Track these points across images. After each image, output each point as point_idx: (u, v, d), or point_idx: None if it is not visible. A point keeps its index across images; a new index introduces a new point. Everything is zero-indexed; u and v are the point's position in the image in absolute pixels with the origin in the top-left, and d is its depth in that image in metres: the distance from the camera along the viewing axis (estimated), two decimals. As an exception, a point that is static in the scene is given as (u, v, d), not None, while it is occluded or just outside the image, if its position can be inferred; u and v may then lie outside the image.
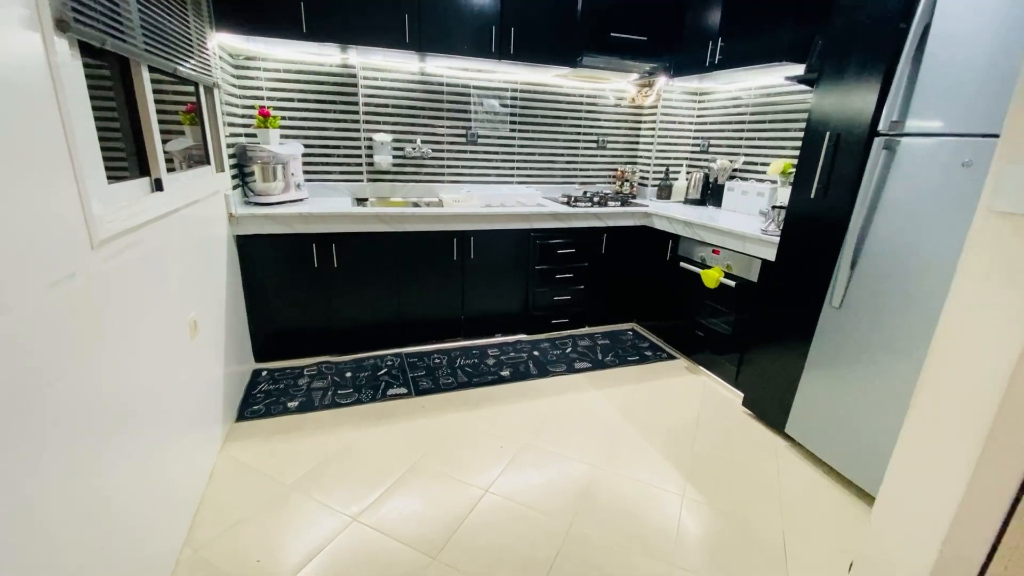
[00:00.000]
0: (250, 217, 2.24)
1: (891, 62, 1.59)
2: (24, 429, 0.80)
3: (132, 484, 1.16)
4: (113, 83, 1.35)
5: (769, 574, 1.44)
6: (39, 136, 0.91)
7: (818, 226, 1.87)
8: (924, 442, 1.02)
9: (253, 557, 1.42)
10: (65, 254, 0.96)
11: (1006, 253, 0.86)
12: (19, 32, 0.88)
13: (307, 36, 2.25)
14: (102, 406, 1.05)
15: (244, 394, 2.26)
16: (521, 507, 1.66)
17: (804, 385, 1.97)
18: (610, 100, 3.33)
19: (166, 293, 1.45)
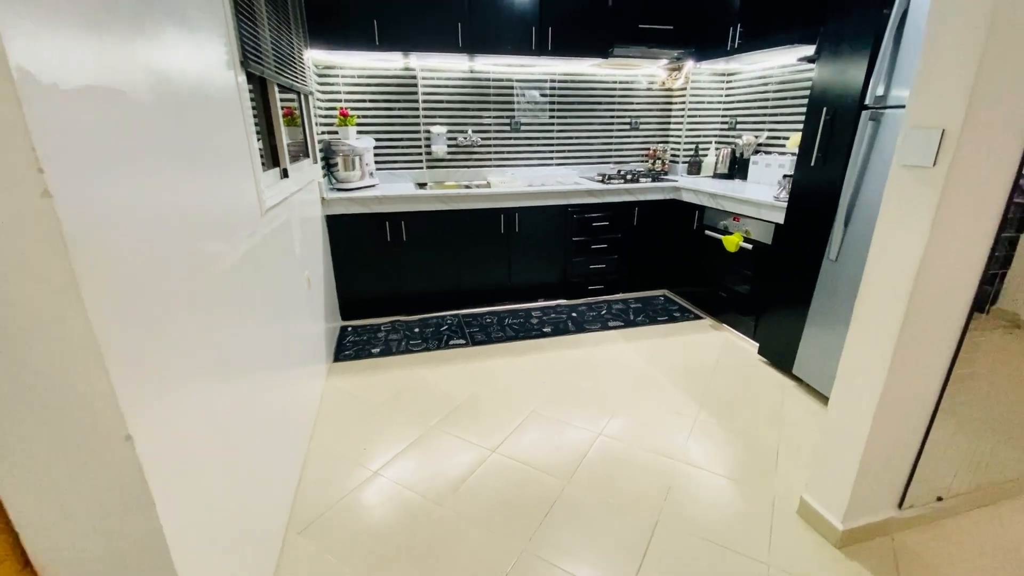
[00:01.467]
0: (337, 200, 2.75)
1: (876, 43, 1.85)
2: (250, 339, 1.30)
3: (281, 398, 1.67)
4: (256, 98, 1.84)
5: (761, 468, 1.79)
6: (238, 136, 1.40)
7: (818, 191, 2.14)
8: (858, 347, 1.34)
9: (359, 447, 1.92)
10: (252, 217, 1.45)
11: (908, 195, 1.18)
12: (225, 70, 1.36)
13: (379, 47, 2.71)
14: (275, 332, 1.55)
15: (336, 343, 2.80)
16: (557, 422, 2.07)
17: (808, 331, 2.26)
18: (642, 84, 3.61)
19: (293, 253, 1.96)
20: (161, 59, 0.96)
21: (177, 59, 1.04)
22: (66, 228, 0.64)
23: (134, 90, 0.85)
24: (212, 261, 1.12)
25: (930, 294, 1.21)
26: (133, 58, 0.86)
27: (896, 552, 1.44)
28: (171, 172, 0.96)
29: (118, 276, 0.75)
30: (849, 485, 1.40)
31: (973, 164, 1.10)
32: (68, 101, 0.68)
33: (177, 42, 1.05)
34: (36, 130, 0.61)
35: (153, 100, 0.91)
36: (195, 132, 1.10)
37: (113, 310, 0.73)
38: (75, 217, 0.66)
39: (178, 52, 1.05)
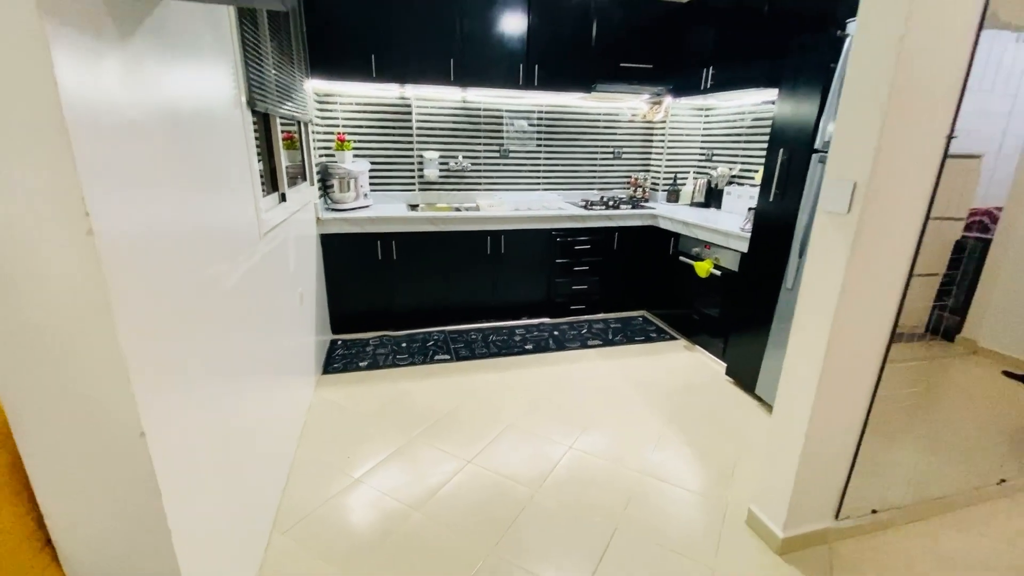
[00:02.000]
0: (332, 220, 2.90)
1: (824, 94, 2.05)
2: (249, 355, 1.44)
3: (272, 406, 1.80)
4: (258, 128, 2.01)
5: (717, 481, 1.93)
6: (241, 167, 1.55)
7: (777, 223, 2.32)
8: (792, 370, 1.50)
9: (344, 455, 2.04)
10: (252, 239, 1.60)
11: (829, 237, 1.35)
12: (235, 109, 1.52)
13: (376, 79, 2.90)
14: (269, 345, 1.69)
15: (326, 356, 2.92)
16: (533, 435, 2.21)
17: (768, 354, 2.42)
18: (625, 116, 3.83)
19: (288, 272, 2.10)
20: (178, 97, 1.12)
21: (192, 97, 1.20)
22: (103, 257, 0.79)
23: (156, 125, 1.01)
24: (218, 281, 1.27)
25: (850, 324, 1.37)
26: (156, 95, 1.01)
27: (832, 559, 1.58)
28: (184, 201, 1.11)
29: (142, 296, 0.90)
30: (788, 496, 1.54)
31: (882, 211, 1.27)
32: (107, 139, 0.83)
33: (193, 82, 1.21)
34: (83, 171, 0.76)
35: (170, 134, 1.07)
36: (204, 164, 1.25)
37: (136, 325, 0.87)
38: (110, 248, 0.81)
39: (193, 91, 1.21)
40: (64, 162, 0.74)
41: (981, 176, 2.22)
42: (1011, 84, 1.88)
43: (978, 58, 1.20)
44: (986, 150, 2.19)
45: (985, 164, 2.20)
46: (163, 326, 0.97)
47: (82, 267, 0.78)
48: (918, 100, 1.20)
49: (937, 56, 1.18)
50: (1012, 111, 1.97)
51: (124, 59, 0.90)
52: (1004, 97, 1.55)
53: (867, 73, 1.22)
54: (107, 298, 0.80)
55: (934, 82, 1.20)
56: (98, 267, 0.78)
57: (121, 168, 0.87)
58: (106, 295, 0.80)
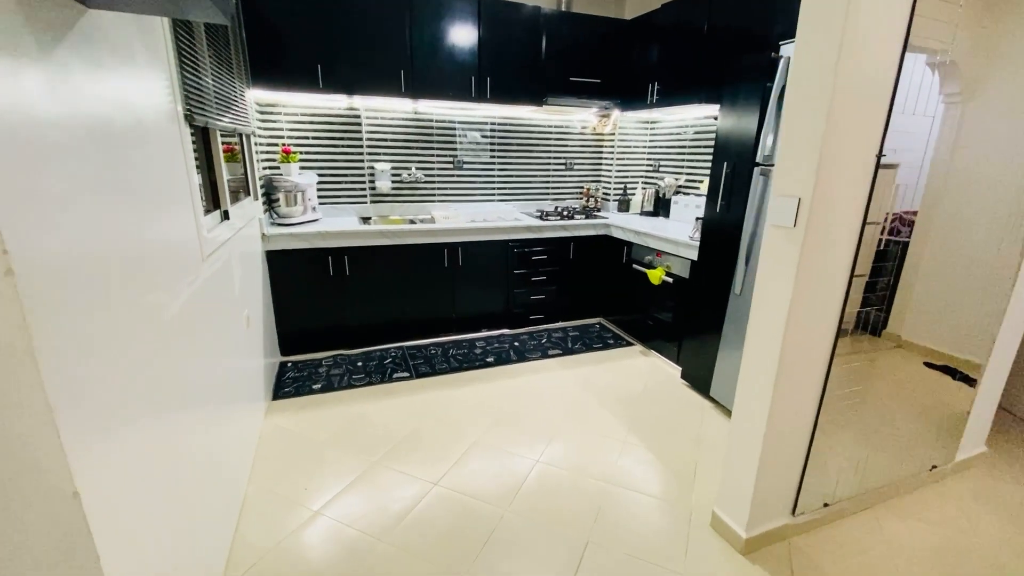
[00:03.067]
0: (279, 236, 2.76)
1: (763, 111, 2.17)
2: (183, 388, 1.32)
3: (219, 440, 1.67)
4: (196, 141, 1.87)
5: (680, 486, 1.97)
6: (181, 181, 1.44)
7: (723, 232, 2.43)
8: (749, 374, 1.57)
9: (300, 487, 1.93)
10: (194, 263, 1.48)
11: (778, 249, 1.42)
12: (171, 123, 1.41)
13: (323, 89, 2.80)
14: (214, 376, 1.57)
15: (276, 380, 2.76)
16: (499, 451, 2.18)
17: (720, 357, 2.52)
18: (575, 128, 3.91)
19: (233, 294, 1.97)
20: (109, 112, 1.02)
21: (124, 112, 1.09)
22: (24, 298, 0.70)
23: (84, 143, 0.91)
24: (156, 311, 1.16)
25: (800, 327, 1.45)
26: (84, 111, 0.92)
27: (791, 554, 1.65)
28: (117, 224, 1.01)
29: (70, 337, 0.80)
30: (749, 497, 1.60)
31: (824, 222, 1.36)
32: (26, 163, 0.74)
33: (125, 96, 1.11)
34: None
35: (101, 153, 0.97)
36: (139, 183, 1.15)
37: (65, 371, 0.77)
38: (32, 287, 0.72)
39: (125, 105, 1.10)
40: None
41: (897, 184, 2.43)
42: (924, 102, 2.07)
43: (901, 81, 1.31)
44: (901, 160, 2.40)
45: (900, 173, 2.41)
46: (96, 369, 0.87)
47: (1, 312, 0.68)
48: (852, 122, 1.29)
49: (868, 80, 1.28)
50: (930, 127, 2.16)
51: (46, 76, 0.81)
52: (920, 116, 1.71)
53: (805, 98, 1.30)
54: (30, 344, 0.71)
55: (865, 104, 1.30)
56: (19, 310, 0.69)
57: (44, 194, 0.78)
58: (29, 341, 0.70)
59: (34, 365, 0.71)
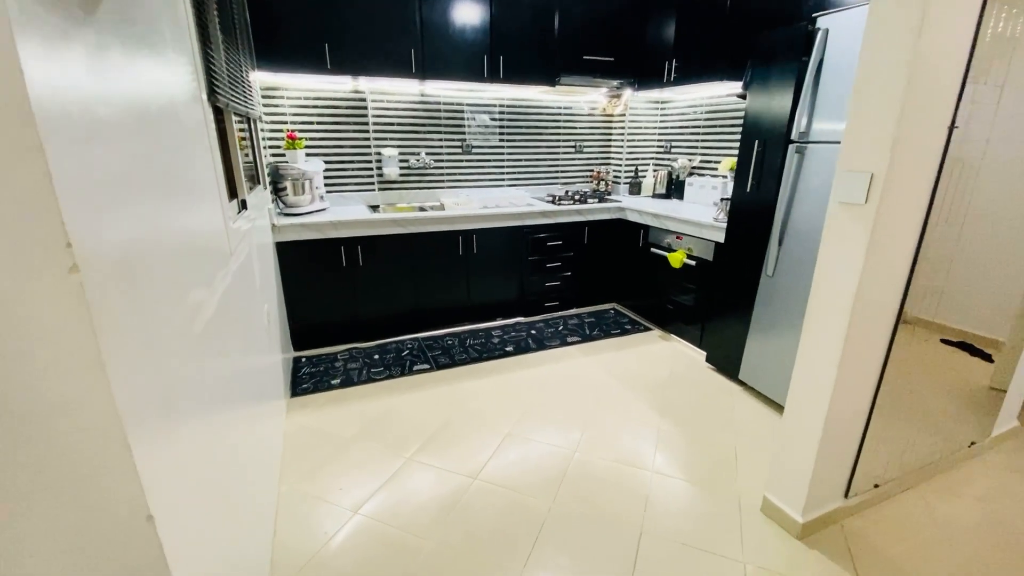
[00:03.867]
0: (289, 226, 2.64)
1: (798, 86, 2.10)
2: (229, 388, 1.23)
3: (250, 442, 1.58)
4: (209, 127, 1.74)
5: (724, 471, 1.94)
6: (207, 168, 1.33)
7: (754, 213, 2.38)
8: (809, 357, 1.52)
9: (336, 486, 1.85)
10: (224, 257, 1.38)
11: (844, 227, 1.36)
12: (196, 104, 1.29)
13: (331, 70, 2.66)
14: (245, 374, 1.47)
15: (292, 376, 2.66)
16: (535, 442, 2.12)
17: (750, 340, 2.49)
18: (584, 110, 3.80)
19: (255, 289, 1.86)
20: (143, 91, 0.91)
21: (156, 91, 0.98)
22: (91, 300, 0.60)
23: (126, 124, 0.81)
24: (200, 310, 1.06)
25: (866, 310, 1.40)
26: (123, 89, 0.81)
27: (847, 537, 1.63)
28: (160, 215, 0.91)
29: (132, 342, 0.71)
30: (807, 481, 1.56)
31: (896, 200, 1.30)
32: (81, 142, 0.64)
33: (156, 74, 1.00)
34: (60, 186, 0.57)
35: (139, 135, 0.87)
36: (174, 169, 1.04)
37: (130, 381, 0.68)
38: (96, 287, 0.62)
39: (157, 84, 0.99)
40: (36, 174, 0.55)
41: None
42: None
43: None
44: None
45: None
46: (155, 379, 0.78)
47: (68, 317, 0.59)
48: (928, 90, 1.23)
49: (947, 45, 1.21)
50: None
51: (89, 44, 0.70)
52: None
53: (883, 65, 1.23)
54: (99, 353, 0.61)
55: (941, 72, 1.24)
56: (86, 313, 0.60)
57: (97, 179, 0.68)
58: (98, 350, 0.61)
59: (104, 376, 0.62)
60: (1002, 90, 1.38)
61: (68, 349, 0.60)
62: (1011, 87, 1.41)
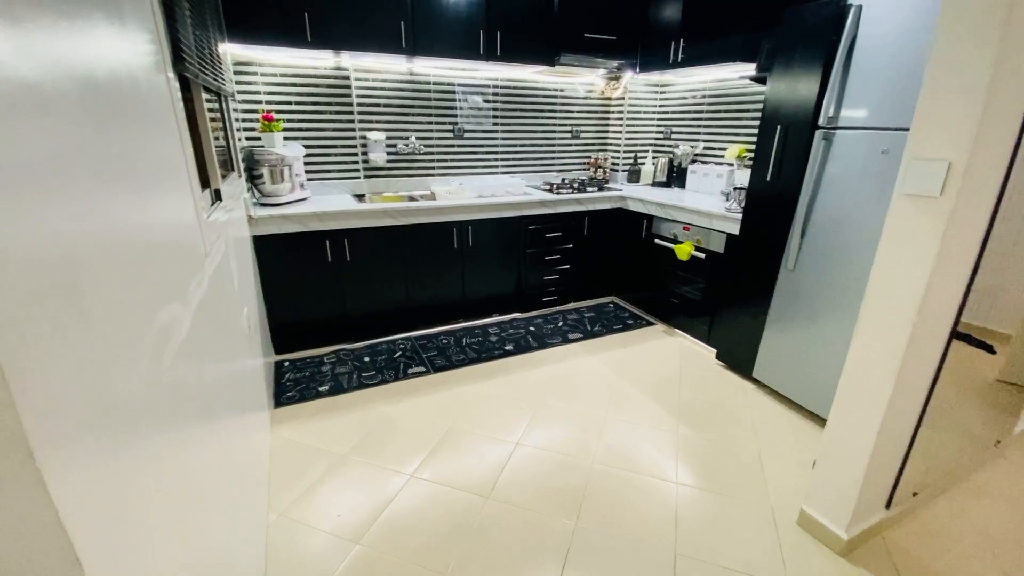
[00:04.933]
0: (267, 218, 2.38)
1: (826, 68, 1.96)
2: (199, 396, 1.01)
3: (231, 465, 1.37)
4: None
5: (751, 479, 1.83)
6: (174, 150, 1.09)
7: (774, 202, 2.25)
8: (861, 366, 1.40)
9: (333, 512, 1.65)
10: (198, 260, 1.15)
11: (912, 222, 1.23)
12: (159, 74, 1.05)
13: (311, 44, 2.39)
14: (223, 390, 1.25)
15: (275, 384, 2.43)
16: (549, 452, 1.96)
17: (766, 337, 2.38)
18: (580, 93, 3.61)
19: (233, 292, 1.63)
20: (90, 56, 0.68)
21: (108, 57, 0.75)
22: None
23: (67, 94, 0.59)
24: (169, 337, 0.85)
25: (929, 315, 1.28)
26: (61, 50, 0.59)
27: (890, 551, 1.54)
28: (115, 210, 0.69)
29: (76, 414, 0.50)
30: (855, 496, 1.45)
31: (973, 194, 1.17)
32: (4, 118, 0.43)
33: (106, 34, 0.76)
34: None
35: (86, 109, 0.64)
36: (133, 152, 0.81)
37: (74, 483, 0.48)
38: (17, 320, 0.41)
39: (108, 47, 0.76)
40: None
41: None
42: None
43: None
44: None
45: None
46: (102, 442, 0.57)
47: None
48: (1013, 71, 1.09)
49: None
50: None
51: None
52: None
53: (968, 41, 1.08)
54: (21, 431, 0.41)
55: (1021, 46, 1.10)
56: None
57: (17, 163, 0.46)
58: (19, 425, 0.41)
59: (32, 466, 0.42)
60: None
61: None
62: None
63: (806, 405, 2.22)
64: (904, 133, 1.74)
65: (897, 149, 1.77)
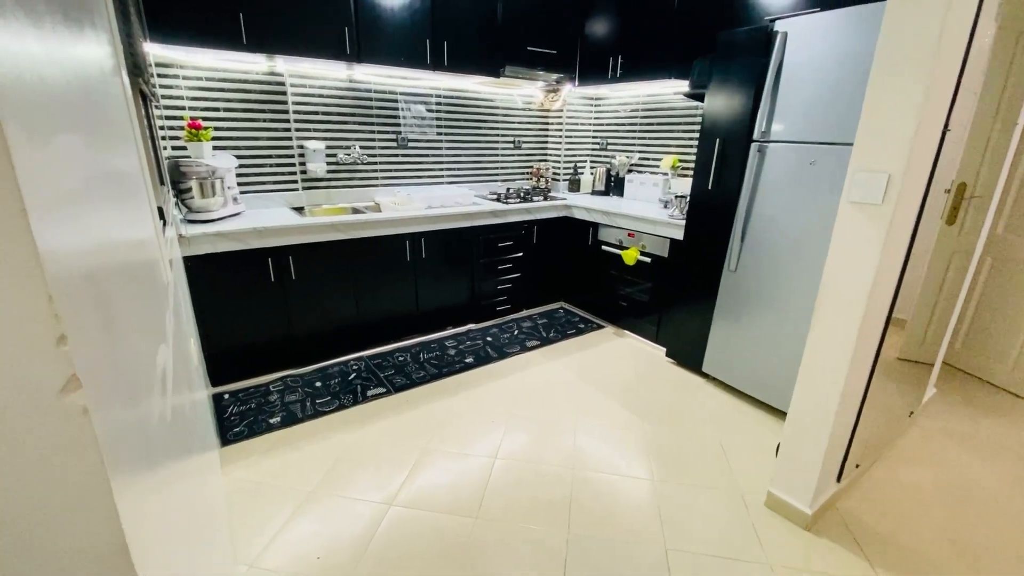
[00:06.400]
0: (201, 236, 2.14)
1: (759, 87, 2.17)
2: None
3: (189, 517, 1.22)
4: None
5: (719, 469, 1.95)
6: (133, 163, 0.95)
7: (715, 209, 2.43)
8: (819, 355, 1.55)
9: (312, 555, 1.52)
10: (164, 281, 1.01)
11: (858, 227, 1.39)
12: (115, 78, 0.91)
13: (246, 46, 2.20)
14: (182, 431, 1.11)
15: (217, 420, 2.19)
16: (529, 463, 1.96)
17: (714, 333, 2.56)
18: (519, 104, 3.67)
19: (183, 319, 1.45)
20: (76, 58, 0.58)
21: (75, 59, 0.64)
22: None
23: (68, 94, 0.49)
24: (160, 362, 0.73)
25: (874, 307, 1.45)
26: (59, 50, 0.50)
27: (844, 520, 1.71)
28: (111, 231, 0.59)
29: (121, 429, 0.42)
30: (816, 474, 1.60)
31: (906, 200, 1.35)
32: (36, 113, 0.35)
33: (70, 36, 0.65)
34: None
35: (80, 110, 0.55)
36: (108, 163, 0.70)
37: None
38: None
39: (73, 49, 0.65)
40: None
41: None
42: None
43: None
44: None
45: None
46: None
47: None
48: (937, 96, 1.28)
49: (951, 50, 1.27)
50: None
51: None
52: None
53: (904, 67, 1.25)
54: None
55: (945, 78, 1.29)
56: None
57: (57, 178, 0.38)
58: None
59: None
60: (976, 96, 1.49)
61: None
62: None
63: (755, 395, 2.42)
64: (827, 147, 1.98)
65: (823, 161, 2.00)
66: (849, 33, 1.86)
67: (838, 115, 1.92)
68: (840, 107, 1.91)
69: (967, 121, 2.01)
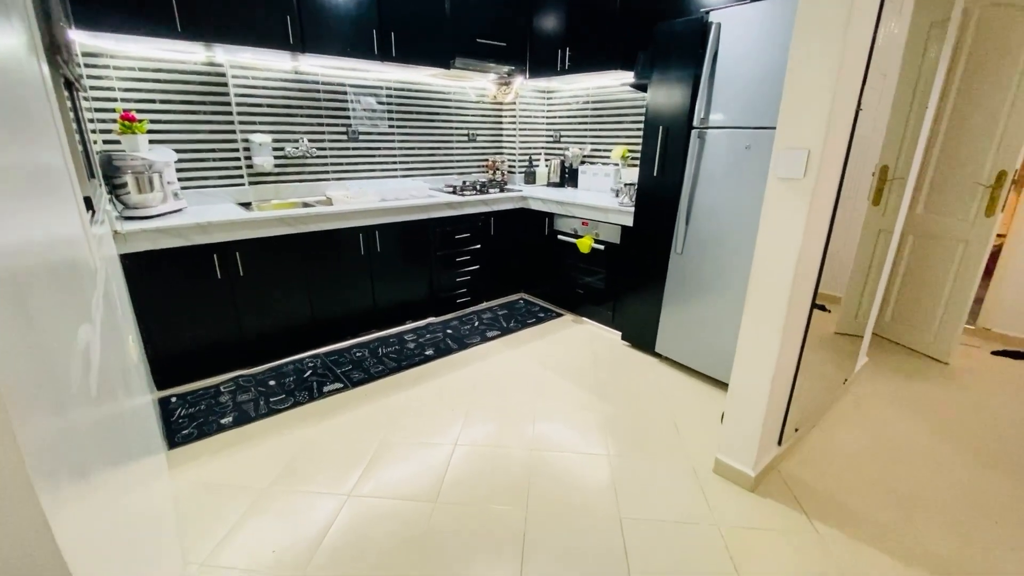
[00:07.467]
0: (139, 233, 2.05)
1: (697, 76, 2.27)
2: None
3: (131, 526, 1.18)
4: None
5: (670, 441, 2.04)
6: (55, 151, 0.91)
7: (661, 195, 2.52)
8: (753, 328, 1.65)
9: (267, 550, 1.49)
10: (92, 277, 0.98)
11: (784, 201, 1.49)
12: (31, 59, 0.87)
13: (183, 35, 2.12)
14: (127, 417, 1.07)
15: (163, 423, 2.10)
16: (488, 448, 1.98)
17: (664, 315, 2.66)
18: (472, 97, 3.68)
19: (118, 317, 1.39)
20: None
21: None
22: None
23: None
24: (90, 360, 0.72)
25: (803, 276, 1.55)
26: None
27: (785, 480, 1.82)
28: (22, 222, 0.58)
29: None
30: (757, 438, 1.70)
31: (826, 174, 1.45)
32: None
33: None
34: None
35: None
36: (23, 152, 0.68)
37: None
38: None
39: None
40: None
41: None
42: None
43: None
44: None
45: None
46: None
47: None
48: (849, 78, 1.38)
49: (859, 37, 1.37)
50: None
51: None
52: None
53: (817, 53, 1.35)
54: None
55: (855, 62, 1.40)
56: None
57: None
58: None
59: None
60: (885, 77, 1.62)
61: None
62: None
63: (703, 371, 2.53)
64: (760, 131, 2.09)
65: (757, 144, 2.11)
66: (776, 22, 1.97)
67: (769, 100, 2.03)
68: (771, 93, 2.02)
69: (886, 107, 2.18)
